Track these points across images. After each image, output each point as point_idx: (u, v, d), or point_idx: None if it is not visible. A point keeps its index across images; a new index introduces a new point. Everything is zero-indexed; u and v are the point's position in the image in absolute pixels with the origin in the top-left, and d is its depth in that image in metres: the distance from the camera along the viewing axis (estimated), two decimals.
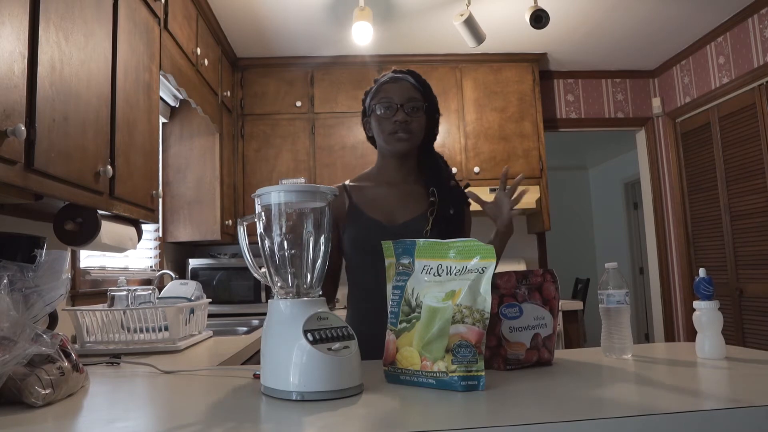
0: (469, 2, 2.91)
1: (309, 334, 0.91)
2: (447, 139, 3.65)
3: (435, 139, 1.54)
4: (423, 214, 1.44)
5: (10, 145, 1.11)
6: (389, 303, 1.06)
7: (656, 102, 4.10)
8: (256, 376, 1.08)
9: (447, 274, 0.99)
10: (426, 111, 1.46)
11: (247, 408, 0.87)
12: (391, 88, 1.44)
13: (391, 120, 1.42)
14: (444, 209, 1.43)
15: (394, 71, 1.49)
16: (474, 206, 1.48)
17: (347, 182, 1.54)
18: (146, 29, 1.96)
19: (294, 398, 0.88)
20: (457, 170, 3.59)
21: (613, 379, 1.01)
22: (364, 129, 1.54)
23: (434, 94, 1.51)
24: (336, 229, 1.47)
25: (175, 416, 0.85)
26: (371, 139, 1.53)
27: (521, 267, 3.76)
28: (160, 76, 2.16)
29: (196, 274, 3.33)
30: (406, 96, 1.43)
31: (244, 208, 3.51)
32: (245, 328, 2.56)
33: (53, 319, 1.31)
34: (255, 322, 2.81)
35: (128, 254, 2.64)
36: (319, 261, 1.02)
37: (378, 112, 1.44)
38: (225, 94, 3.31)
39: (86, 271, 2.20)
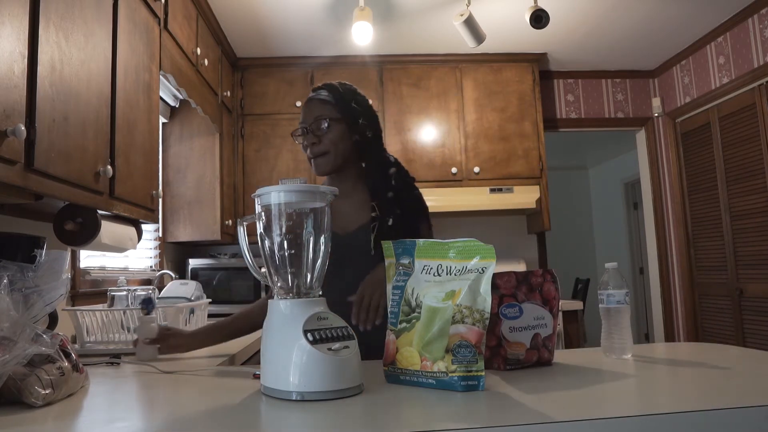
0: (469, 2, 2.91)
1: (309, 334, 0.91)
2: (447, 139, 3.65)
3: (371, 142, 1.50)
4: (367, 223, 1.45)
5: (10, 145, 1.11)
6: (389, 303, 1.06)
7: (656, 102, 4.10)
8: (256, 376, 1.08)
9: (447, 274, 0.99)
10: (345, 120, 1.46)
11: (247, 408, 0.87)
12: (303, 111, 1.49)
13: (303, 144, 1.47)
14: (383, 222, 1.43)
15: (312, 89, 1.53)
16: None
17: None
18: (146, 29, 1.96)
19: (294, 398, 0.88)
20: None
21: (613, 379, 1.01)
22: None
23: (355, 98, 1.49)
24: None
25: (175, 416, 0.85)
26: None
27: (521, 267, 3.76)
28: (160, 76, 2.16)
29: (196, 274, 3.33)
30: (312, 116, 1.46)
31: (244, 208, 3.51)
32: None
33: (53, 319, 1.31)
34: None
35: (128, 254, 2.64)
36: (319, 261, 1.02)
37: (296, 138, 1.49)
38: (225, 94, 3.31)
39: (86, 271, 2.20)
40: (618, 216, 6.56)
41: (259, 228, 1.00)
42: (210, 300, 2.18)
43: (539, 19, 2.78)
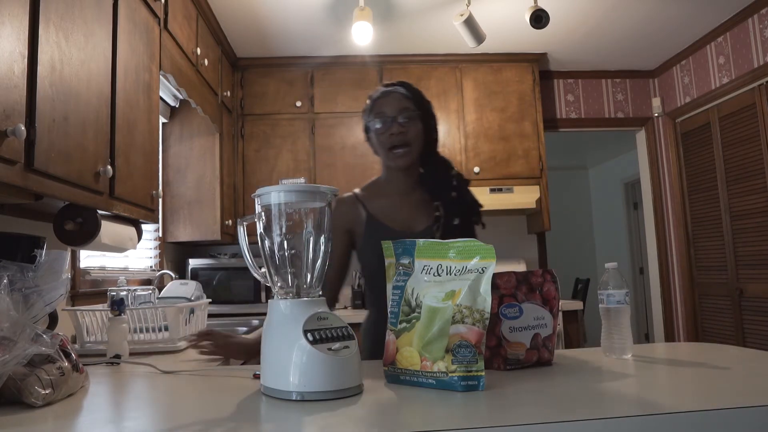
0: (469, 2, 2.91)
1: (309, 334, 0.91)
2: (447, 139, 3.65)
3: (436, 144, 1.56)
4: (431, 224, 1.47)
5: (10, 145, 1.11)
6: (389, 303, 1.06)
7: (656, 102, 4.10)
8: (256, 376, 1.08)
9: (447, 274, 0.99)
10: (422, 118, 1.49)
11: (247, 408, 0.87)
12: (384, 102, 1.48)
13: (387, 134, 1.45)
14: (449, 221, 1.45)
15: (385, 85, 1.53)
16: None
17: (357, 192, 1.56)
18: (146, 29, 1.96)
19: (294, 398, 0.88)
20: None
21: (613, 379, 1.01)
22: (369, 145, 1.56)
23: (427, 99, 1.53)
24: (348, 236, 1.51)
25: (175, 416, 0.85)
26: (377, 153, 1.55)
27: (521, 267, 3.76)
28: (160, 76, 2.16)
29: (196, 274, 3.33)
30: (397, 107, 1.46)
31: (244, 208, 3.51)
32: (245, 328, 2.56)
33: (53, 319, 1.31)
34: (255, 322, 2.81)
35: (128, 254, 2.63)
36: (319, 261, 1.02)
37: (375, 127, 1.48)
38: (225, 94, 3.31)
39: (86, 271, 2.20)
40: (618, 216, 6.56)
41: (259, 228, 1.00)
42: (210, 300, 2.18)
43: (539, 19, 2.78)
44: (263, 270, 1.01)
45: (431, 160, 1.53)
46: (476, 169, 3.62)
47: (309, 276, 1.01)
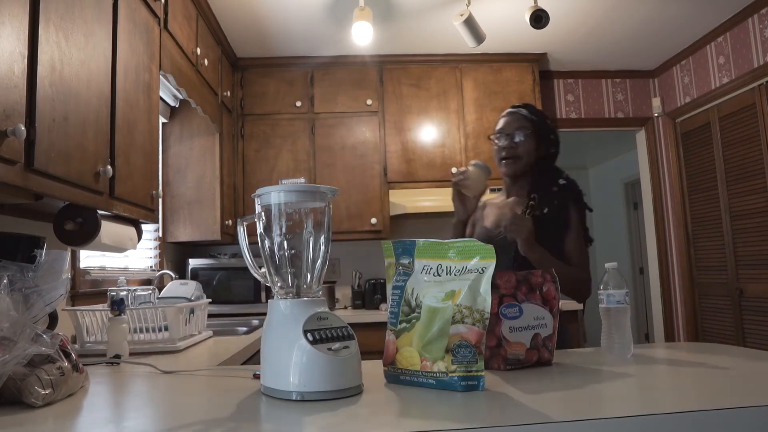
0: (469, 2, 2.91)
1: (309, 334, 0.91)
2: (447, 139, 3.65)
3: (554, 158, 1.76)
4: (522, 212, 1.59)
5: (10, 145, 1.11)
6: (389, 303, 1.06)
7: (656, 102, 4.10)
8: (256, 376, 1.08)
9: (447, 274, 0.99)
10: (538, 135, 1.70)
11: (247, 408, 0.87)
12: (505, 121, 1.75)
13: (500, 147, 1.73)
14: (536, 208, 1.54)
15: (512, 106, 1.79)
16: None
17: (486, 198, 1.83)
18: (146, 29, 1.96)
19: (294, 398, 0.88)
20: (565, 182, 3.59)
21: (613, 379, 1.01)
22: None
23: (547, 121, 1.76)
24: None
25: (175, 416, 0.85)
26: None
27: None
28: (160, 76, 2.16)
29: (196, 274, 3.33)
30: (514, 126, 1.71)
31: (244, 208, 3.51)
32: (245, 328, 2.56)
33: (53, 319, 1.31)
34: (255, 322, 2.81)
35: (128, 254, 2.63)
36: (319, 261, 1.02)
37: (495, 142, 1.75)
38: (225, 94, 3.31)
39: (86, 271, 2.20)
40: (618, 216, 6.56)
41: (259, 228, 1.00)
42: (210, 300, 2.18)
43: (539, 19, 2.78)
44: (263, 270, 1.01)
45: (543, 171, 1.72)
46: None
47: (309, 276, 1.01)
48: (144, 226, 2.10)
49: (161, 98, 2.89)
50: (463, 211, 1.72)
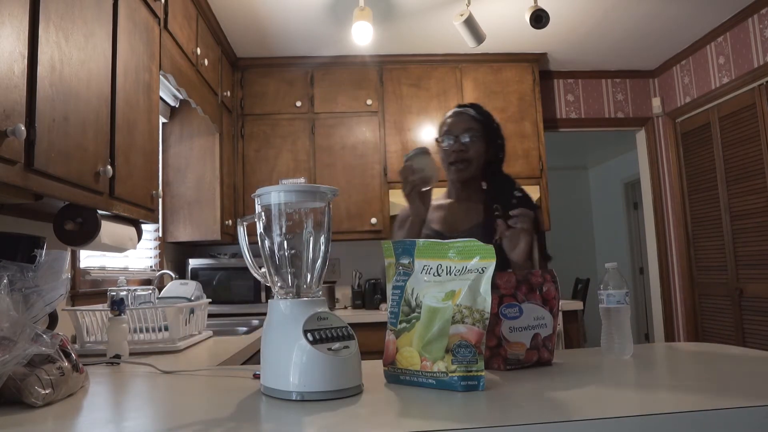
0: (469, 2, 2.91)
1: (309, 334, 0.91)
2: None
3: (501, 163, 1.67)
4: (479, 224, 1.56)
5: (10, 145, 1.11)
6: (389, 303, 1.06)
7: (656, 102, 4.10)
8: (256, 376, 1.08)
9: (447, 274, 0.99)
10: (486, 138, 1.61)
11: (247, 408, 0.87)
12: (452, 122, 1.63)
13: (450, 150, 1.60)
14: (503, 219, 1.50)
15: (458, 105, 1.68)
16: None
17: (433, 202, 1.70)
18: (146, 29, 1.96)
19: (294, 398, 0.88)
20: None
21: (613, 379, 1.01)
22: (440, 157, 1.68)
23: (496, 122, 1.66)
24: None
25: (175, 416, 0.85)
26: (443, 165, 1.67)
27: None
28: (160, 76, 2.16)
29: (196, 274, 3.33)
30: (463, 127, 1.60)
31: (244, 208, 3.51)
32: (245, 328, 2.56)
33: (53, 319, 1.31)
34: (255, 322, 2.81)
35: (128, 254, 2.63)
36: (319, 261, 1.02)
37: (442, 144, 1.63)
38: (225, 94, 3.31)
39: (86, 271, 2.20)
40: (618, 216, 6.56)
41: (259, 228, 1.00)
42: (210, 300, 2.18)
43: (539, 19, 2.78)
44: (263, 270, 1.01)
45: (495, 178, 1.64)
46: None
47: (309, 276, 1.01)
48: (144, 226, 2.10)
49: (161, 98, 2.89)
50: (424, 209, 1.55)
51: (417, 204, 1.53)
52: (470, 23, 2.83)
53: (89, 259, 2.26)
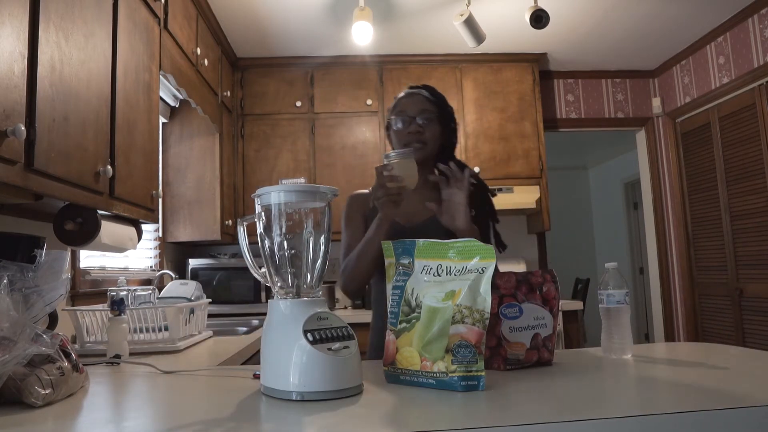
0: (469, 2, 2.91)
1: (309, 334, 0.91)
2: None
3: (454, 147, 1.63)
4: (435, 218, 1.47)
5: (10, 145, 1.11)
6: (389, 303, 1.06)
7: (656, 102, 4.10)
8: (256, 376, 1.08)
9: (447, 274, 0.99)
10: (441, 121, 1.55)
11: (247, 408, 0.87)
12: (407, 103, 1.56)
13: (405, 132, 1.53)
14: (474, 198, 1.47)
15: (411, 86, 1.62)
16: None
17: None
18: (146, 29, 1.96)
19: (294, 398, 0.88)
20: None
21: (613, 379, 1.01)
22: (389, 142, 1.62)
23: (449, 105, 1.60)
24: (366, 226, 1.53)
25: (175, 416, 0.85)
26: (394, 149, 1.57)
27: (521, 267, 3.76)
28: (160, 76, 2.16)
29: (196, 274, 3.33)
30: (418, 108, 1.53)
31: (244, 208, 3.51)
32: (245, 328, 2.57)
33: (53, 319, 1.31)
34: (255, 322, 2.81)
35: (128, 254, 2.63)
36: (319, 261, 1.02)
37: (396, 125, 1.55)
38: (225, 94, 3.31)
39: (86, 271, 2.20)
40: (618, 216, 6.56)
41: (259, 228, 1.00)
42: (210, 300, 2.18)
43: (539, 19, 2.78)
44: (263, 270, 1.01)
45: (448, 162, 1.55)
46: (476, 169, 3.62)
47: (309, 276, 1.01)
48: (144, 226, 2.10)
49: (161, 98, 2.89)
50: (395, 212, 1.37)
51: (390, 209, 1.34)
52: (470, 23, 2.83)
53: (89, 259, 2.26)
